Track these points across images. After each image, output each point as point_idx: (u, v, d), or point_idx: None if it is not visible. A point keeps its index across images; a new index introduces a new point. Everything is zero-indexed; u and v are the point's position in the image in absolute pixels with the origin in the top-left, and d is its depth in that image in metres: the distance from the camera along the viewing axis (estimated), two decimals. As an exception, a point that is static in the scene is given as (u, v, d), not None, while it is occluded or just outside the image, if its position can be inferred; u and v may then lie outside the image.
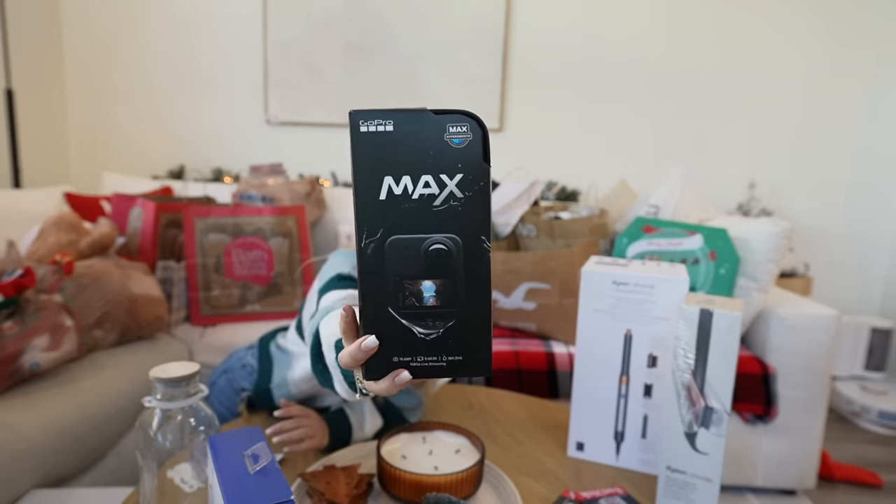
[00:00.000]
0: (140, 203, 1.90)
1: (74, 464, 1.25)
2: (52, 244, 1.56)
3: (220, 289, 1.90)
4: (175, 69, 2.81)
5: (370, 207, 0.44)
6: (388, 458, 0.86)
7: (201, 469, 0.71)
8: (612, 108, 2.71)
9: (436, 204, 0.44)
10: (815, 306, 1.72)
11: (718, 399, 0.80)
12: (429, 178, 0.43)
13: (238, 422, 1.10)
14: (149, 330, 1.63)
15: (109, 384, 1.39)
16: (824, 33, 2.56)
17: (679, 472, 0.83)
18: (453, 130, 0.43)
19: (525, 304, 1.84)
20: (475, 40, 2.67)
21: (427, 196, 0.44)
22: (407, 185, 0.43)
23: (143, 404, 0.70)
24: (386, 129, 0.43)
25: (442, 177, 0.44)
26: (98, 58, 2.80)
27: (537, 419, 1.15)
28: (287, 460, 0.96)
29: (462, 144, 0.43)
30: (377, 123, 0.43)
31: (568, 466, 0.99)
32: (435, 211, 0.44)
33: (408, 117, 0.43)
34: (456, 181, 0.44)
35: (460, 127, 0.43)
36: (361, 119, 0.43)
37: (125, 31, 2.78)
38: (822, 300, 2.60)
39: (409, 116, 0.43)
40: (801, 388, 1.66)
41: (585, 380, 1.00)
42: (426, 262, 0.44)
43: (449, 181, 0.44)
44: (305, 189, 2.25)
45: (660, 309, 0.92)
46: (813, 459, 1.71)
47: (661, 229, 1.81)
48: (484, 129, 0.44)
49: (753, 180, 2.67)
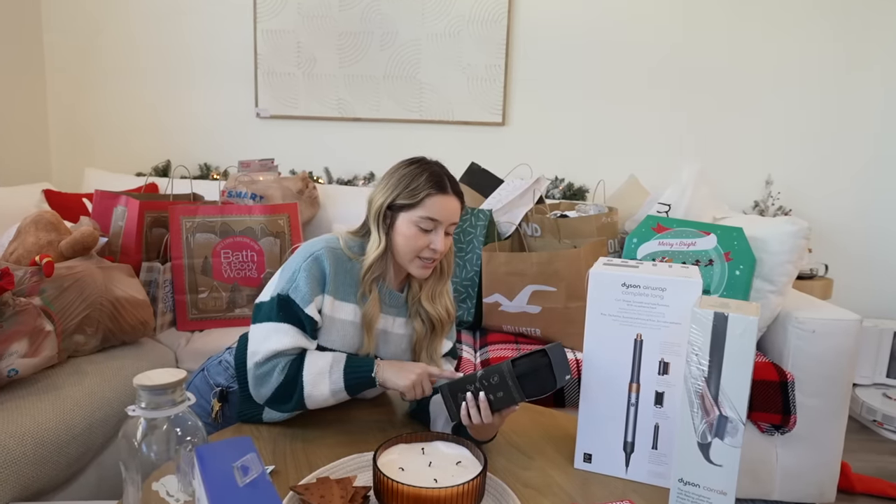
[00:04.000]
0: (123, 201, 1.90)
1: (54, 476, 1.25)
2: (31, 244, 1.56)
3: (208, 291, 1.90)
4: (161, 60, 2.80)
5: None
6: (386, 470, 0.86)
7: (188, 481, 0.71)
8: (622, 100, 2.71)
9: None
10: (836, 310, 1.72)
11: (733, 408, 0.80)
12: None
13: (227, 432, 1.11)
14: (133, 335, 1.63)
15: (91, 392, 1.39)
16: (842, 27, 2.57)
17: (692, 485, 0.83)
18: None
19: (529, 307, 1.84)
20: (477, 29, 2.68)
21: None
22: None
23: (127, 413, 0.70)
24: None
25: None
26: (80, 48, 2.80)
27: (542, 429, 1.15)
28: (278, 472, 0.96)
29: None
30: None
31: (575, 479, 0.99)
32: None
33: None
34: None
35: None
36: None
37: (109, 20, 2.78)
38: (842, 303, 2.59)
39: None
40: (821, 396, 1.66)
41: (593, 388, 1.00)
42: None
43: None
44: (298, 186, 2.25)
45: (672, 313, 0.92)
46: (833, 471, 1.71)
47: (672, 229, 1.81)
48: None
49: (770, 177, 2.67)
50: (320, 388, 1.04)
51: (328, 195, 2.40)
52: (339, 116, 2.79)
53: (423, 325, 1.17)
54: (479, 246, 1.96)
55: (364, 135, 2.81)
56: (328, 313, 1.08)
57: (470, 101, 2.73)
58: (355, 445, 1.04)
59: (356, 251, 1.11)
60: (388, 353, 1.17)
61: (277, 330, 1.04)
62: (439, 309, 1.17)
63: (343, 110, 2.78)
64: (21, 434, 1.17)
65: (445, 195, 1.08)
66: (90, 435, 1.35)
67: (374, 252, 1.09)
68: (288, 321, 1.04)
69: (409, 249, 1.08)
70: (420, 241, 1.07)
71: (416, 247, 1.08)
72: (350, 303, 1.10)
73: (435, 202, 1.07)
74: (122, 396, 1.46)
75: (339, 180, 2.79)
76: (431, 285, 1.17)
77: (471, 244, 1.97)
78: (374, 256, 1.09)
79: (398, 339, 1.17)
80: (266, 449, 1.03)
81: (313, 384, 1.04)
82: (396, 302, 1.16)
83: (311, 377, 1.03)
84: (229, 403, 1.19)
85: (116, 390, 1.46)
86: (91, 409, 1.36)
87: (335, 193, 2.43)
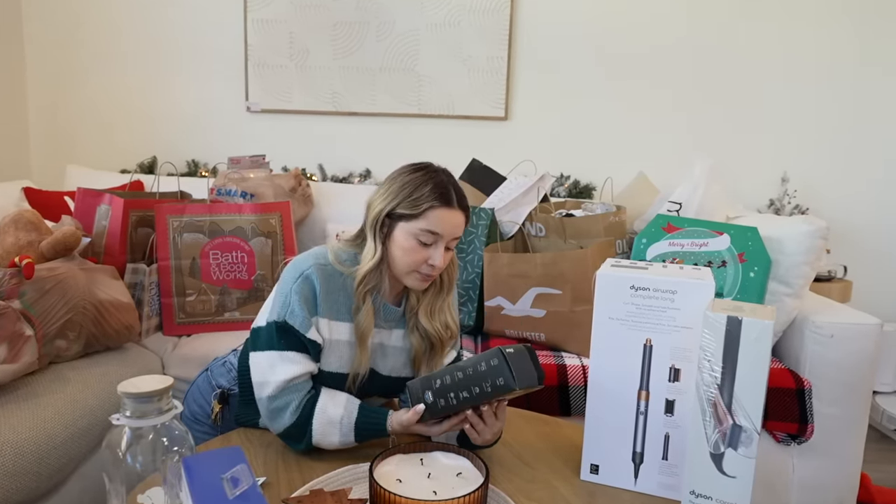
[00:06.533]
0: (107, 199, 1.90)
1: (34, 488, 1.25)
2: (10, 245, 1.56)
3: (196, 294, 1.90)
4: (146, 51, 2.81)
5: None
6: (382, 482, 0.86)
7: (175, 493, 0.71)
8: (630, 94, 2.71)
9: None
10: (855, 313, 1.72)
11: (748, 416, 0.80)
12: None
13: (215, 441, 1.11)
14: (117, 339, 1.63)
15: (73, 399, 1.39)
16: (859, 20, 2.57)
17: (704, 498, 0.84)
18: None
19: (533, 311, 1.84)
20: (478, 19, 2.68)
21: None
22: None
23: (111, 422, 0.70)
24: None
25: None
26: (61, 40, 2.80)
27: (547, 439, 1.15)
28: (270, 484, 0.96)
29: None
30: None
31: (581, 491, 0.99)
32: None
33: None
34: None
35: None
36: None
37: (91, 10, 2.78)
38: (861, 307, 2.57)
39: None
40: (839, 404, 1.66)
41: (601, 395, 1.00)
42: None
43: None
44: (290, 184, 2.25)
45: (683, 317, 0.92)
46: (852, 483, 1.71)
47: (684, 228, 1.81)
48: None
49: (786, 174, 2.67)
50: (329, 438, 1.05)
51: (322, 193, 2.40)
52: (333, 111, 2.78)
53: (421, 341, 1.16)
54: (480, 246, 1.96)
55: (360, 130, 2.81)
56: (326, 336, 1.08)
57: (471, 94, 2.73)
58: (351, 456, 1.04)
59: (349, 263, 1.09)
60: (386, 366, 1.16)
61: (283, 359, 1.04)
62: (437, 326, 1.14)
63: (338, 104, 2.78)
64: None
65: (450, 209, 1.05)
66: (72, 445, 1.35)
67: (369, 262, 1.07)
68: (292, 348, 1.05)
69: (406, 262, 1.06)
70: (418, 255, 1.05)
71: (413, 260, 1.06)
72: (345, 322, 1.09)
73: (438, 215, 1.04)
74: (106, 404, 1.46)
75: (333, 177, 2.79)
76: (430, 300, 1.15)
77: (472, 245, 1.98)
78: (369, 267, 1.07)
79: (397, 353, 1.17)
80: (257, 460, 1.03)
81: (323, 434, 1.04)
82: (393, 315, 1.15)
83: (320, 427, 1.04)
84: (230, 406, 1.20)
85: (100, 398, 1.45)
86: (73, 418, 1.36)
87: (329, 191, 2.43)
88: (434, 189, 1.05)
